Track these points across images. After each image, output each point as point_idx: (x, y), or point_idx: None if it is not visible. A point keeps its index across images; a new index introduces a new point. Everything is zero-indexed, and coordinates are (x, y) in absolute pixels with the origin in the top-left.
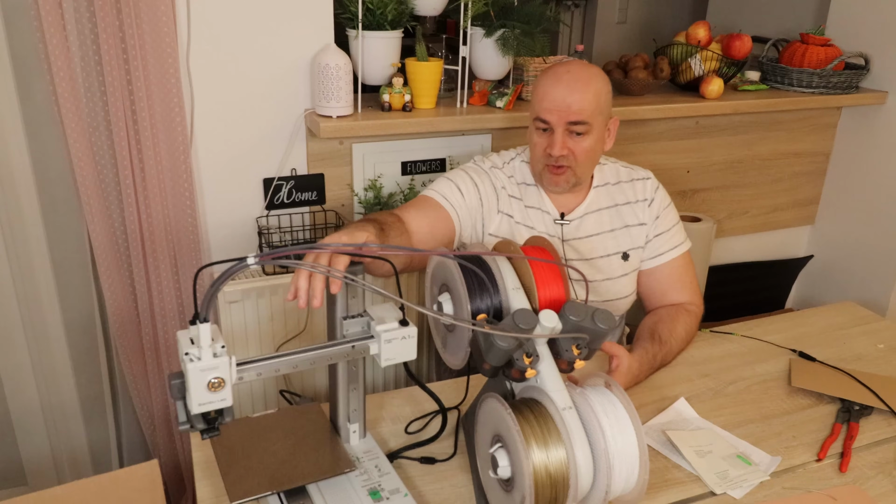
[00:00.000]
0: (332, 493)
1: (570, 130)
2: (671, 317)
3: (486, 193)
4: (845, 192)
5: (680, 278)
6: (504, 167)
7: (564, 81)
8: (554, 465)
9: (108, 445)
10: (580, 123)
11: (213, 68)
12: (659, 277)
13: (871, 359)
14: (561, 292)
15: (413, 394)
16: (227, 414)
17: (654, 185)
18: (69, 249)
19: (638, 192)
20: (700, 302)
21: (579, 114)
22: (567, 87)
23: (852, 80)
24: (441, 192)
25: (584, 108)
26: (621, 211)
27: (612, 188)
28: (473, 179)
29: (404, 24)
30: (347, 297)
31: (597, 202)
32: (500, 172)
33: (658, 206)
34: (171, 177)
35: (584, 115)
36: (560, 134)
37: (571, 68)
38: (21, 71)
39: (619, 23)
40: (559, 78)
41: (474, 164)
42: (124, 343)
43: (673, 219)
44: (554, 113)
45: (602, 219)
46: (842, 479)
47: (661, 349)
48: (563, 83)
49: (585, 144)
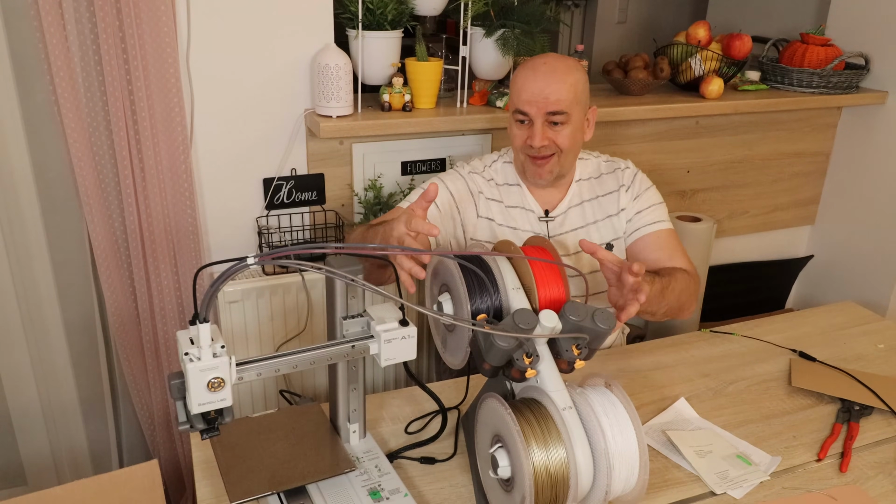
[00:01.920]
0: (332, 493)
1: (549, 121)
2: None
3: (462, 199)
4: (845, 192)
5: (668, 247)
6: (485, 170)
7: (541, 73)
8: (554, 465)
9: (108, 445)
10: (559, 113)
11: (213, 68)
12: (644, 246)
13: (871, 359)
14: (561, 292)
15: (413, 394)
16: (227, 414)
17: (633, 173)
18: (69, 249)
19: (618, 180)
20: (695, 270)
21: (557, 104)
22: (545, 79)
23: (852, 80)
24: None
25: (561, 98)
26: (602, 202)
27: (594, 181)
28: (448, 187)
29: (404, 24)
30: (347, 297)
31: (579, 195)
32: (478, 177)
33: (636, 189)
34: (171, 177)
35: (562, 105)
36: (539, 125)
37: (548, 60)
38: (21, 71)
39: (619, 23)
40: (536, 69)
41: (453, 169)
42: (124, 343)
43: (653, 198)
44: (533, 105)
45: (585, 212)
46: (842, 479)
47: (660, 281)
48: (540, 74)
49: (565, 134)
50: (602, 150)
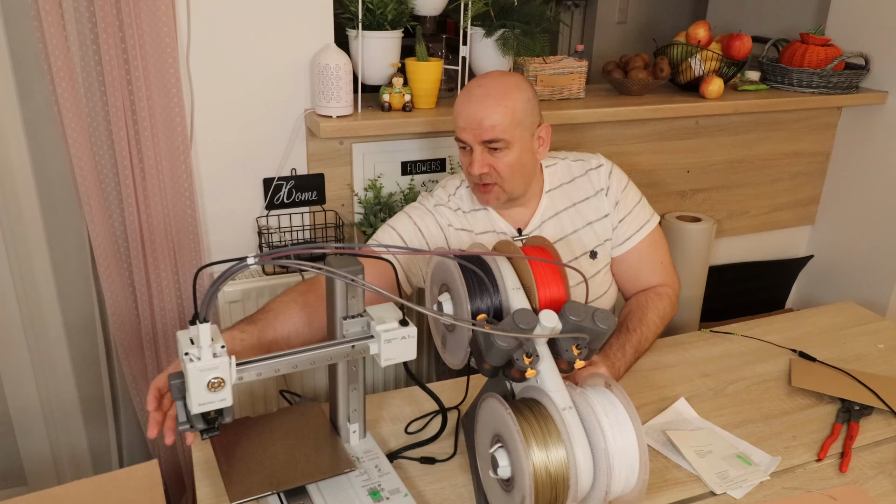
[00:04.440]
0: (332, 493)
1: (488, 148)
2: (640, 306)
3: (431, 235)
4: (845, 192)
5: (650, 260)
6: (450, 200)
7: (475, 98)
8: (554, 465)
9: (108, 445)
10: (495, 140)
11: (213, 68)
12: (629, 263)
13: (871, 359)
14: (561, 292)
15: (413, 394)
16: (227, 414)
17: (607, 171)
18: (69, 250)
19: (594, 183)
20: (673, 280)
21: (492, 131)
22: (478, 104)
23: (852, 80)
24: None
25: (496, 123)
26: (580, 209)
27: (566, 187)
28: (416, 224)
29: (404, 24)
30: (347, 297)
31: (552, 207)
32: (444, 209)
33: (615, 192)
34: (171, 177)
35: (496, 131)
36: (479, 152)
37: (484, 82)
38: (21, 71)
39: (619, 23)
40: (470, 95)
41: (419, 203)
42: (124, 343)
43: (632, 200)
44: (468, 132)
45: (562, 222)
46: (842, 479)
47: (630, 338)
48: (473, 100)
49: (508, 160)
50: (602, 151)
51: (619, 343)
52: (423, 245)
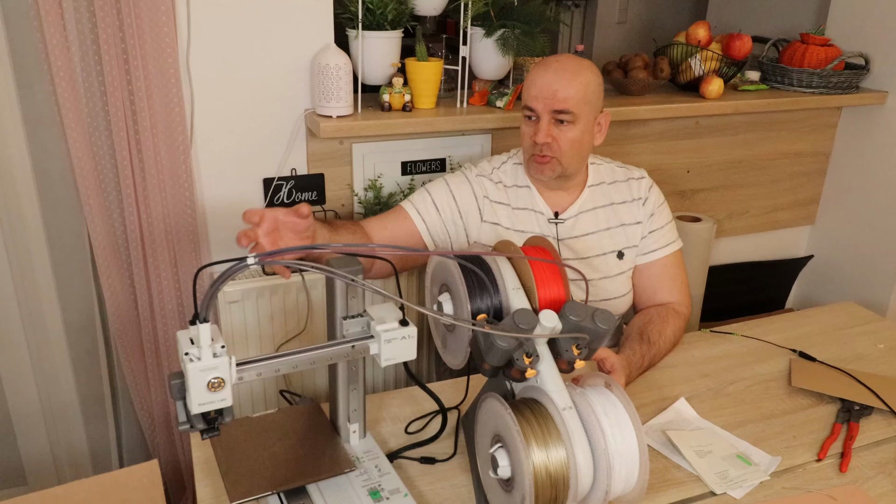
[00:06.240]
0: (332, 493)
1: (555, 119)
2: (661, 318)
3: (466, 204)
4: (845, 192)
5: (671, 276)
6: (493, 172)
7: (552, 70)
8: (554, 465)
9: (108, 445)
10: (565, 112)
11: (213, 68)
12: (650, 274)
13: (871, 359)
14: (561, 292)
15: (413, 394)
16: (227, 414)
17: (649, 184)
18: (69, 249)
19: (633, 191)
20: (689, 303)
21: (564, 102)
22: (554, 75)
23: (852, 80)
24: (416, 205)
25: (569, 96)
26: (617, 210)
27: (607, 187)
28: (452, 192)
29: (404, 24)
30: (347, 297)
31: (592, 200)
32: (485, 180)
33: (652, 205)
34: (171, 177)
35: (568, 103)
36: (545, 122)
37: (561, 58)
38: (21, 71)
39: (619, 23)
40: (548, 66)
41: (461, 171)
42: (124, 343)
43: (666, 217)
44: (540, 100)
45: (598, 217)
46: (842, 479)
47: (649, 350)
48: (550, 71)
49: (571, 135)
50: (602, 151)
51: (640, 352)
52: (454, 211)
